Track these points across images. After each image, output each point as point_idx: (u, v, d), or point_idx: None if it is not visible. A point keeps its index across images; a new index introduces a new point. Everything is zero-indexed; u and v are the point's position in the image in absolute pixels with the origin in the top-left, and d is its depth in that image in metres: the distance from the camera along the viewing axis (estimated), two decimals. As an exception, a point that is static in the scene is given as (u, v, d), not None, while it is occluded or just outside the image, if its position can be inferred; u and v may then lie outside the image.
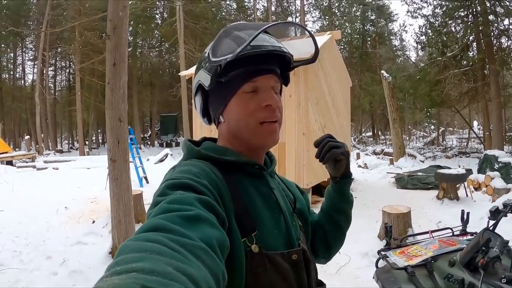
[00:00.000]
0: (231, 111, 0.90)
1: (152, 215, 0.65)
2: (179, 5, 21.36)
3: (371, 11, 28.25)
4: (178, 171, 0.81)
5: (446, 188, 7.90)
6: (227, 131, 0.93)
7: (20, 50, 33.34)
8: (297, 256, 0.88)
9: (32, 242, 5.23)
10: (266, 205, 0.89)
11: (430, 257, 2.08)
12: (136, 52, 30.22)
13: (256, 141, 0.91)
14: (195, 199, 0.69)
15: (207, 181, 0.78)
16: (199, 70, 0.93)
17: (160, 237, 0.55)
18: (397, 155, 14.90)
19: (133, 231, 4.64)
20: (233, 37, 0.84)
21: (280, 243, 0.88)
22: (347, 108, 10.73)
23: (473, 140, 23.27)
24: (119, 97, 4.13)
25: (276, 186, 0.97)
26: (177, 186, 0.73)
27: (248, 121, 0.89)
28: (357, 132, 31.58)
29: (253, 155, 0.94)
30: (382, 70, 16.66)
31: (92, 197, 8.33)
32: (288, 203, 0.98)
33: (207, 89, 0.90)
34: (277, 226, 0.89)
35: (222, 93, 0.90)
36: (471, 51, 17.54)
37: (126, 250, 0.52)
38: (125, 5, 4.10)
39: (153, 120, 33.61)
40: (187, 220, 0.62)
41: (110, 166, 4.33)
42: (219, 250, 0.62)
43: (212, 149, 0.92)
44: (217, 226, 0.67)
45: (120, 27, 4.09)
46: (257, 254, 0.80)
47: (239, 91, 0.88)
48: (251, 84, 0.88)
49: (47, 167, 14.07)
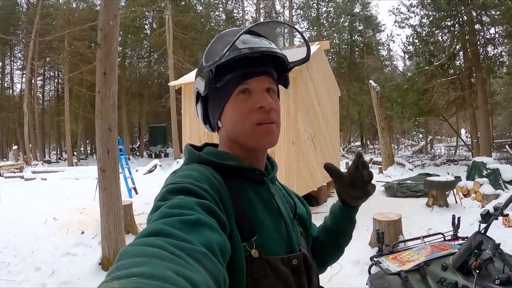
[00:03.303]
0: (227, 115, 0.90)
1: (152, 220, 0.65)
2: (168, 15, 21.43)
3: (359, 21, 28.63)
4: (179, 175, 0.81)
5: (435, 195, 7.97)
6: (226, 135, 0.93)
7: (9, 59, 33.04)
8: (297, 261, 0.88)
9: (20, 253, 5.16)
10: (266, 210, 0.89)
11: (423, 262, 2.09)
12: (125, 62, 30.13)
13: (253, 143, 0.90)
14: (196, 203, 0.69)
15: (208, 185, 0.77)
16: (196, 78, 0.93)
17: (160, 241, 0.55)
18: (386, 164, 15.01)
19: (123, 241, 4.60)
20: (223, 42, 0.84)
21: (281, 248, 0.87)
22: (336, 118, 10.81)
23: (461, 147, 23.54)
24: (109, 106, 4.11)
25: (277, 192, 0.97)
26: (177, 190, 0.73)
27: (243, 123, 0.88)
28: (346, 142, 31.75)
29: (253, 158, 0.93)
30: (370, 80, 16.83)
31: (81, 208, 8.26)
32: (289, 209, 0.98)
33: (202, 95, 0.91)
34: (277, 231, 0.88)
35: (217, 98, 0.90)
36: (458, 60, 17.82)
37: (126, 255, 0.52)
38: (116, 14, 4.09)
39: (142, 130, 33.43)
40: (188, 224, 0.62)
41: (100, 176, 4.29)
42: (220, 254, 0.62)
43: (213, 153, 0.92)
44: (218, 230, 0.66)
45: (111, 36, 4.08)
46: (257, 259, 0.80)
47: (233, 95, 0.88)
48: (243, 86, 0.88)
49: (35, 177, 13.96)
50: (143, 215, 7.57)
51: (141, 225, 6.77)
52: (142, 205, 8.29)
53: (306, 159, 7.83)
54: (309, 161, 8.01)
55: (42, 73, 31.78)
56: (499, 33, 16.68)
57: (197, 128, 8.42)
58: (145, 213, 7.71)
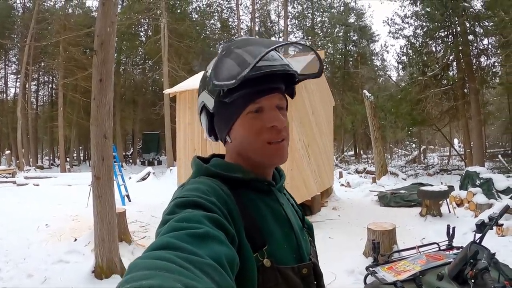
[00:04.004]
0: (236, 132, 0.89)
1: (161, 234, 0.65)
2: (164, 23, 21.48)
3: (353, 31, 28.83)
4: (186, 189, 0.81)
5: (429, 205, 8.00)
6: (234, 151, 0.93)
7: (3, 63, 32.85)
8: (307, 270, 0.88)
9: (12, 259, 5.12)
10: (275, 220, 0.89)
11: (419, 272, 2.10)
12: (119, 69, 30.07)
13: (264, 160, 0.90)
14: (204, 216, 0.69)
15: (216, 198, 0.78)
16: (202, 90, 0.91)
17: (169, 255, 0.55)
18: (379, 174, 15.08)
19: (117, 249, 4.56)
20: (235, 58, 0.83)
21: (291, 258, 0.87)
22: (330, 127, 10.86)
23: (454, 157, 23.69)
24: (105, 113, 4.09)
25: (285, 201, 0.97)
26: (185, 204, 0.74)
27: (255, 142, 0.88)
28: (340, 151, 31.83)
29: (261, 171, 0.93)
30: (364, 89, 16.95)
31: (74, 215, 8.19)
32: (298, 218, 0.98)
33: (211, 112, 0.90)
34: (287, 240, 0.89)
35: (226, 114, 0.89)
36: (451, 70, 18.00)
37: (135, 268, 0.52)
38: (113, 21, 4.10)
39: (136, 138, 33.29)
40: (196, 238, 0.62)
41: (94, 183, 4.26)
42: (228, 266, 0.62)
43: (220, 166, 0.91)
44: (226, 243, 0.67)
45: (108, 42, 4.08)
46: (269, 268, 0.80)
47: (243, 113, 0.87)
48: (255, 105, 0.87)
49: (28, 183, 13.80)
50: (136, 223, 7.53)
51: (134, 233, 6.73)
52: (135, 212, 8.24)
53: (300, 169, 7.84)
54: (303, 170, 8.02)
55: (36, 78, 31.60)
56: (492, 44, 16.94)
57: (191, 136, 8.42)
58: (139, 221, 7.68)
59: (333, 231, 7.16)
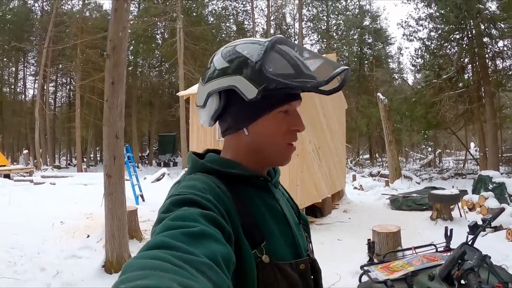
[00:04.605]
0: (261, 127, 0.89)
1: (156, 233, 0.64)
2: (180, 27, 21.67)
3: (368, 34, 28.65)
4: (182, 186, 0.81)
5: (439, 208, 7.95)
6: (248, 144, 0.91)
7: (22, 65, 33.55)
8: (304, 266, 0.89)
9: (27, 253, 5.26)
10: (272, 216, 0.89)
11: (411, 272, 2.15)
12: (136, 71, 30.45)
13: (278, 160, 0.93)
14: (200, 214, 0.68)
15: (212, 195, 0.77)
16: (231, 74, 0.85)
17: (164, 254, 0.55)
18: (393, 177, 14.98)
19: (126, 245, 4.69)
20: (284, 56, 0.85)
21: (288, 253, 0.88)
22: (342, 130, 10.85)
23: (469, 161, 23.34)
24: (117, 115, 4.24)
25: (281, 197, 0.98)
26: (181, 202, 0.73)
27: (278, 141, 0.90)
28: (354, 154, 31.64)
29: (263, 168, 0.95)
30: (378, 92, 16.85)
31: (88, 213, 8.35)
32: (294, 214, 0.99)
33: (247, 100, 0.84)
34: (284, 236, 0.89)
35: (255, 107, 0.86)
36: (466, 73, 17.73)
37: (130, 268, 0.52)
38: (125, 26, 4.24)
39: (152, 139, 33.64)
40: (191, 236, 0.62)
41: (106, 182, 4.41)
42: (224, 265, 0.61)
43: (216, 161, 0.91)
44: (222, 241, 0.66)
45: (120, 47, 4.22)
46: (268, 264, 0.81)
47: (275, 111, 0.88)
48: (287, 106, 0.89)
49: (45, 182, 14.09)
50: (149, 222, 7.66)
51: (146, 231, 6.86)
52: (148, 212, 8.38)
53: (310, 171, 7.88)
54: (313, 172, 8.06)
55: (54, 80, 32.20)
56: (507, 46, 16.62)
57: (204, 138, 8.52)
58: (151, 220, 7.80)
59: (342, 233, 7.18)
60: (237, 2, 32.58)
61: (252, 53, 0.85)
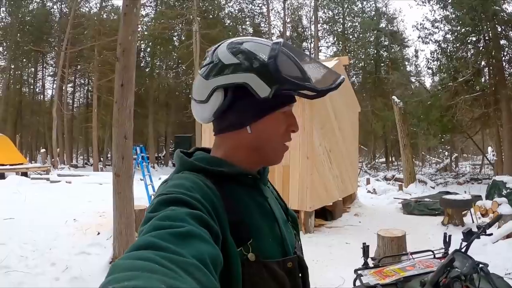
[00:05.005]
0: (264, 126, 0.89)
1: (143, 232, 0.64)
2: (196, 30, 21.82)
3: (384, 36, 28.39)
4: (170, 185, 0.80)
5: (451, 214, 7.88)
6: (249, 142, 0.91)
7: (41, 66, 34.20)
8: (292, 264, 0.89)
9: (39, 249, 5.38)
10: (260, 214, 0.89)
11: (403, 277, 2.15)
12: (153, 73, 30.76)
13: (274, 159, 0.94)
14: (187, 214, 0.68)
15: (200, 194, 0.77)
16: (241, 71, 0.85)
17: (151, 255, 0.55)
18: (407, 181, 14.85)
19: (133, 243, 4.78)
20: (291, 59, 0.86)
21: (276, 251, 0.88)
22: (355, 133, 10.80)
23: (486, 166, 22.97)
24: (125, 116, 4.34)
25: (270, 194, 0.98)
26: (169, 201, 0.72)
27: (277, 140, 0.92)
28: (370, 158, 31.39)
29: (255, 167, 0.95)
30: (393, 95, 16.72)
31: (101, 212, 8.48)
32: (282, 211, 1.00)
33: (260, 98, 0.85)
34: (272, 234, 0.89)
35: (261, 105, 0.87)
36: (482, 76, 17.44)
37: (117, 269, 0.51)
38: (134, 29, 4.35)
39: (168, 140, 33.91)
40: (179, 237, 0.61)
41: (114, 180, 4.52)
42: (212, 266, 0.61)
43: (204, 160, 0.91)
44: (210, 241, 0.66)
45: (129, 50, 4.33)
46: (254, 262, 0.81)
47: (278, 111, 0.90)
48: (288, 107, 0.92)
49: (60, 180, 14.27)
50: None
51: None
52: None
53: (320, 174, 7.88)
54: (324, 175, 8.06)
55: (72, 81, 32.75)
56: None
57: (215, 138, 8.58)
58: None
59: (351, 237, 7.16)
60: (253, 5, 32.71)
61: (263, 53, 0.85)
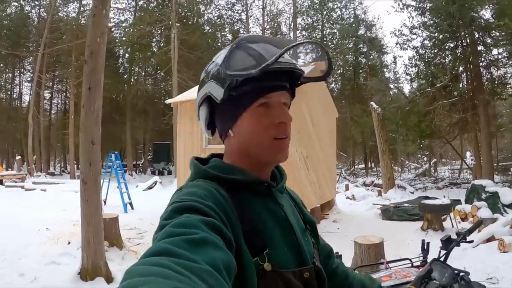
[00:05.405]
0: (242, 126, 0.88)
1: (157, 239, 0.65)
2: (174, 33, 21.68)
3: (363, 43, 28.69)
4: (184, 193, 0.80)
5: (430, 219, 7.88)
6: (237, 146, 0.91)
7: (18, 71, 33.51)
8: (309, 274, 0.87)
9: (8, 258, 5.27)
10: (275, 223, 0.88)
11: (377, 288, 2.04)
12: (131, 79, 30.42)
13: (268, 157, 0.90)
14: (201, 221, 0.69)
15: (213, 202, 0.77)
16: (208, 80, 0.89)
17: (165, 261, 0.55)
18: (386, 187, 14.94)
19: (102, 253, 4.64)
20: (247, 51, 0.84)
21: (292, 261, 0.86)
22: (333, 138, 10.80)
23: (465, 170, 23.31)
24: (92, 120, 4.17)
25: (286, 202, 0.96)
26: (182, 209, 0.73)
27: (262, 137, 0.87)
28: (349, 164, 31.55)
29: (261, 171, 0.92)
30: (372, 101, 16.83)
31: (75, 220, 8.23)
32: (300, 219, 0.97)
33: (218, 102, 0.87)
34: (287, 243, 0.87)
35: (232, 107, 0.87)
36: (460, 81, 17.69)
37: (132, 274, 0.52)
38: (103, 31, 4.19)
39: (146, 147, 33.52)
40: (192, 243, 0.62)
41: (82, 187, 4.35)
42: (225, 272, 0.61)
43: (218, 168, 0.90)
44: (223, 248, 0.66)
45: (97, 53, 4.16)
46: (270, 272, 0.80)
47: (252, 106, 0.87)
48: (264, 100, 0.87)
49: (35, 188, 14.01)
50: (135, 230, 7.60)
51: (130, 239, 6.79)
52: (136, 220, 8.31)
53: (297, 180, 7.79)
54: (300, 182, 7.98)
55: (50, 86, 32.14)
56: (502, 54, 16.60)
57: (191, 145, 8.47)
58: (137, 228, 7.73)
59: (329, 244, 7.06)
60: (232, 11, 32.74)
61: (221, 57, 0.87)
